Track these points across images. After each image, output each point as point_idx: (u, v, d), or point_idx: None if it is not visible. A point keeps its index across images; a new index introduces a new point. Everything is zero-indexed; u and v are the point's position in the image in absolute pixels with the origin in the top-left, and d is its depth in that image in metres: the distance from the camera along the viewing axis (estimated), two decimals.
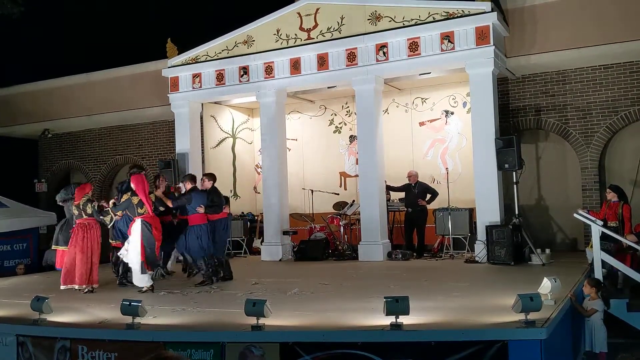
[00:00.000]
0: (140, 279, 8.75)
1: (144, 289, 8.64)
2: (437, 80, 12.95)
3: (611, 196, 9.36)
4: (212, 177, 9.90)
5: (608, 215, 9.21)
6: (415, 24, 11.42)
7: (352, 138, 14.25)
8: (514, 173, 10.93)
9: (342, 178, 14.47)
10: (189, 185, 9.59)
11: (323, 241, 12.33)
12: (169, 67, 13.93)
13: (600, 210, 9.80)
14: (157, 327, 6.21)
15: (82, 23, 20.27)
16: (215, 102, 14.53)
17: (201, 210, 9.17)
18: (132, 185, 8.93)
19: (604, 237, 8.38)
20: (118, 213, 9.18)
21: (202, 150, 14.31)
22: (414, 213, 12.10)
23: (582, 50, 11.39)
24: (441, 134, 13.44)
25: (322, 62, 12.29)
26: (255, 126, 15.30)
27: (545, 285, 6.29)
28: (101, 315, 6.90)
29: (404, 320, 5.51)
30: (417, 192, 12.14)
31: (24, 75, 17.47)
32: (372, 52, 11.82)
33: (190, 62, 13.71)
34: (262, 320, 5.75)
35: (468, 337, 5.32)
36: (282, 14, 12.65)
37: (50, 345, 6.35)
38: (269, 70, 12.84)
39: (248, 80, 13.09)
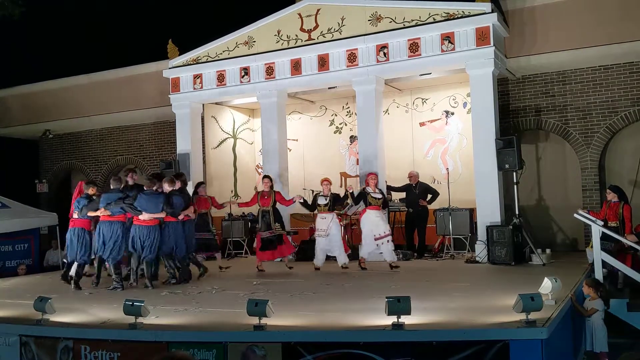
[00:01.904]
0: None
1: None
2: (438, 80, 12.98)
3: (611, 196, 9.37)
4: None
5: (608, 215, 9.23)
6: (416, 25, 11.45)
7: (352, 138, 14.28)
8: (514, 173, 10.96)
9: (343, 178, 14.49)
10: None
11: None
12: (170, 68, 13.96)
13: (601, 210, 9.83)
14: (159, 327, 6.22)
15: (82, 24, 20.29)
16: (216, 103, 14.56)
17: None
18: None
19: (604, 237, 8.41)
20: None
21: (203, 150, 14.34)
22: (415, 213, 12.12)
23: (582, 51, 11.42)
24: (441, 134, 13.47)
25: (323, 62, 12.32)
26: (256, 127, 15.33)
27: (546, 285, 6.31)
28: (104, 315, 6.91)
29: (405, 320, 5.53)
30: (417, 192, 12.16)
31: (25, 76, 17.49)
32: (373, 53, 11.85)
33: (191, 62, 13.74)
34: (264, 320, 5.77)
35: (469, 336, 5.34)
36: (283, 15, 12.69)
37: (53, 346, 6.37)
38: (269, 71, 12.88)
39: (249, 81, 13.13)
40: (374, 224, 10.22)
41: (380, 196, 10.47)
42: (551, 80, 12.52)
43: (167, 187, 9.50)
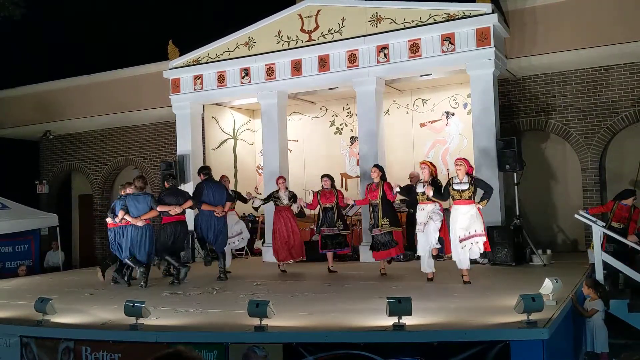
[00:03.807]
0: None
1: None
2: (438, 81, 12.99)
3: (631, 202, 9.34)
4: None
5: (617, 216, 9.20)
6: (416, 26, 11.45)
7: (353, 139, 14.28)
8: (514, 174, 10.96)
9: (343, 179, 14.49)
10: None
11: None
12: (170, 69, 13.96)
13: (606, 204, 9.81)
14: (160, 327, 6.23)
15: (83, 24, 20.30)
16: (217, 104, 14.56)
17: None
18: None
19: (611, 240, 8.43)
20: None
21: (204, 151, 14.34)
22: (416, 214, 12.07)
23: (583, 52, 11.42)
24: (442, 135, 13.48)
25: (323, 63, 12.32)
26: (257, 127, 15.33)
27: (547, 286, 6.31)
28: (104, 316, 6.92)
29: (406, 320, 5.53)
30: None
31: (25, 77, 17.49)
32: (373, 54, 11.85)
33: (192, 63, 13.74)
34: (265, 321, 5.77)
35: (470, 337, 5.34)
36: (283, 16, 12.69)
37: (54, 346, 6.38)
38: (270, 71, 12.88)
39: (249, 81, 13.12)
40: (457, 223, 8.21)
41: (466, 187, 8.16)
42: (552, 80, 12.52)
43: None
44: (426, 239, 8.59)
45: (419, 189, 8.79)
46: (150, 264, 9.60)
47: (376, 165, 9.97)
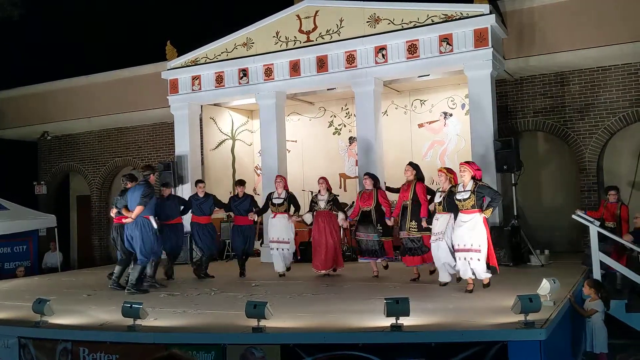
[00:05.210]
0: None
1: None
2: (436, 82, 13.00)
3: (613, 197, 9.42)
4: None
5: (606, 216, 9.26)
6: (414, 27, 11.46)
7: (351, 139, 14.29)
8: (512, 175, 10.97)
9: (342, 179, 14.50)
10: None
11: None
12: (168, 70, 13.96)
13: (599, 209, 9.86)
14: (158, 329, 6.24)
15: (81, 25, 20.28)
16: (215, 104, 14.56)
17: None
18: None
19: (602, 239, 8.43)
20: None
21: (202, 152, 14.34)
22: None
23: (580, 52, 11.43)
24: (440, 135, 13.49)
25: (322, 64, 12.33)
26: (255, 128, 15.33)
27: (545, 286, 6.33)
28: (102, 317, 6.92)
29: (404, 321, 5.55)
30: None
31: (23, 78, 17.48)
32: (371, 55, 11.86)
33: (190, 64, 13.74)
34: (263, 322, 5.78)
35: (468, 338, 5.36)
36: (282, 17, 12.69)
37: (52, 347, 6.38)
38: (268, 72, 12.88)
39: (247, 82, 13.12)
40: (454, 232, 7.63)
41: (466, 196, 7.36)
42: (549, 81, 12.54)
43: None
44: (439, 254, 8.06)
45: (436, 199, 8.15)
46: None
47: (410, 164, 9.05)
